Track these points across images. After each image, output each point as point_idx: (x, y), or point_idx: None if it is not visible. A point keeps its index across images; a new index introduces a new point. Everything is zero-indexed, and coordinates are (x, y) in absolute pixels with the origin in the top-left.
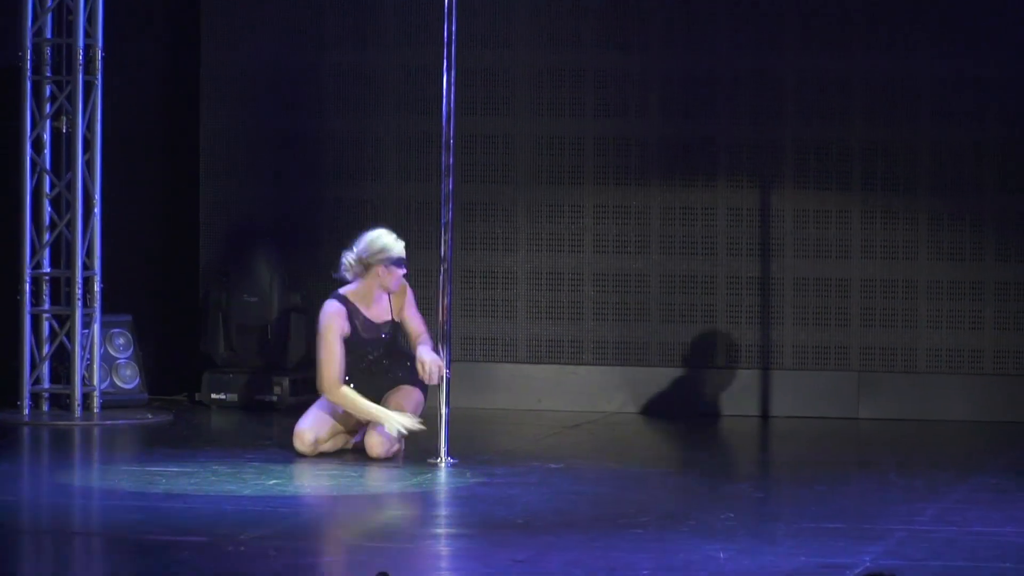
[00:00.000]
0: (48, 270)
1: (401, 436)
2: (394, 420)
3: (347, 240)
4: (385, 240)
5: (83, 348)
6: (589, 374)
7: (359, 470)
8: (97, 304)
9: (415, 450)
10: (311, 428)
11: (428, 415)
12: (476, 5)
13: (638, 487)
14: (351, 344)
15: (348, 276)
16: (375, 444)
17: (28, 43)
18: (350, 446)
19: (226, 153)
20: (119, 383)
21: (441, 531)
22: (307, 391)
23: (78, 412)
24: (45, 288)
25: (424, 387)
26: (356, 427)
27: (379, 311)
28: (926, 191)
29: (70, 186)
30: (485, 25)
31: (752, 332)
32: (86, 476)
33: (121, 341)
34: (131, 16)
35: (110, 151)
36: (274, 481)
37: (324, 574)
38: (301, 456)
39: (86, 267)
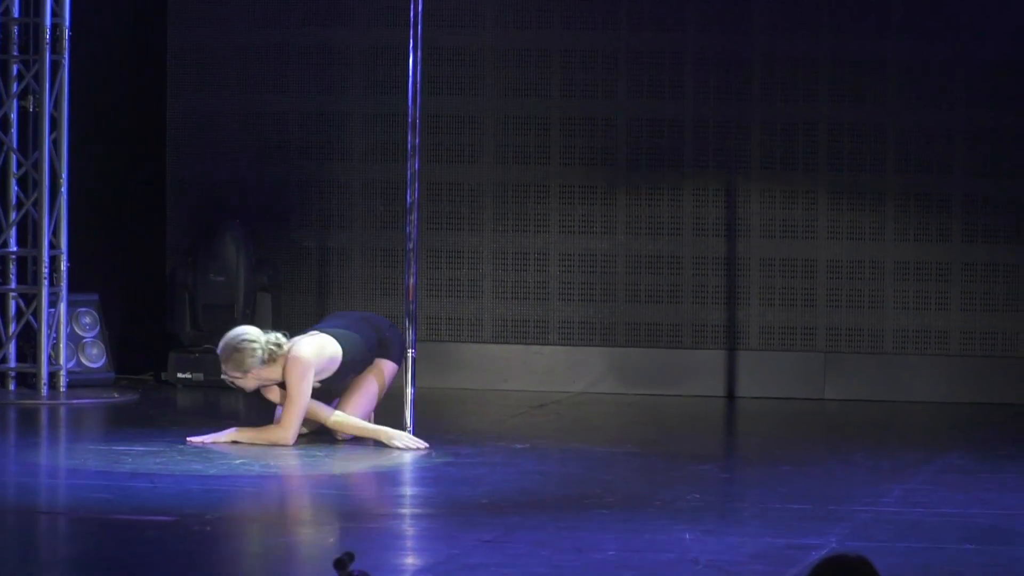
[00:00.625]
0: (15, 249)
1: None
2: (402, 437)
3: (314, 219)
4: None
5: (49, 327)
6: (555, 354)
7: (325, 450)
8: (64, 283)
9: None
10: None
11: (394, 395)
12: None
13: (604, 467)
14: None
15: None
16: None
17: None
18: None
19: (192, 132)
20: (85, 362)
21: (407, 511)
22: None
23: (44, 391)
24: (12, 267)
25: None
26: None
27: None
28: (893, 172)
29: (37, 165)
30: (452, 5)
31: (718, 312)
32: (52, 455)
33: (87, 320)
34: None
35: (77, 130)
36: (240, 461)
37: (289, 554)
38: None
39: (53, 246)
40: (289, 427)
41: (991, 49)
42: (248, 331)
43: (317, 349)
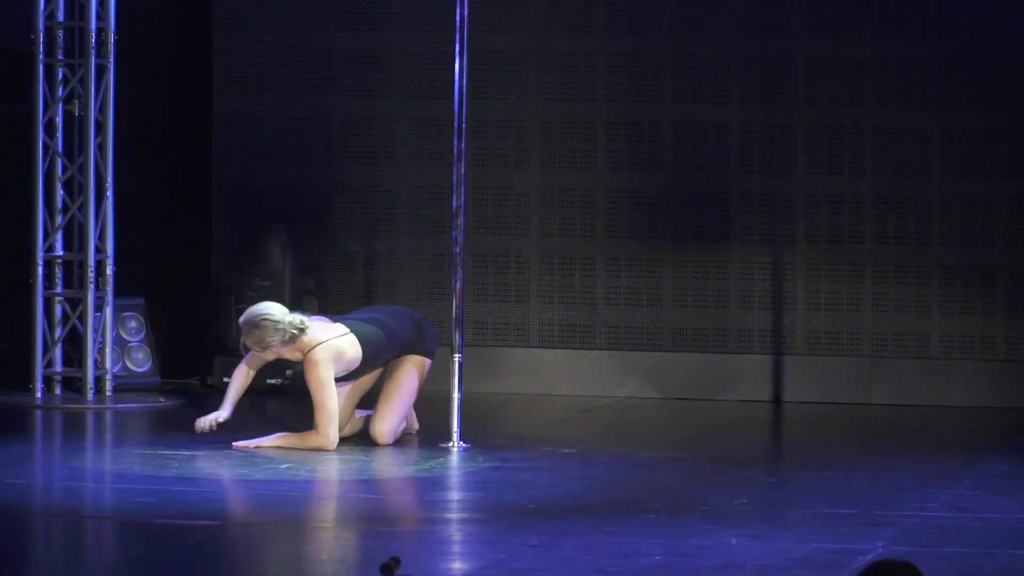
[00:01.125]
0: (61, 253)
1: (404, 421)
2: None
3: (360, 224)
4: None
5: (95, 331)
6: (601, 359)
7: (370, 455)
8: (109, 287)
9: (427, 435)
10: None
11: (440, 399)
12: None
13: (651, 472)
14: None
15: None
16: (380, 434)
17: (40, 26)
18: (359, 428)
19: (238, 136)
20: (131, 366)
21: (453, 516)
22: None
23: (90, 395)
24: (58, 271)
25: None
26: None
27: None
28: (938, 176)
29: (82, 169)
30: (497, 9)
31: (764, 317)
32: (98, 460)
33: (133, 324)
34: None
35: (122, 134)
36: (286, 465)
37: (336, 558)
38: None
39: (98, 250)
40: (326, 432)
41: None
42: (272, 310)
43: (335, 355)
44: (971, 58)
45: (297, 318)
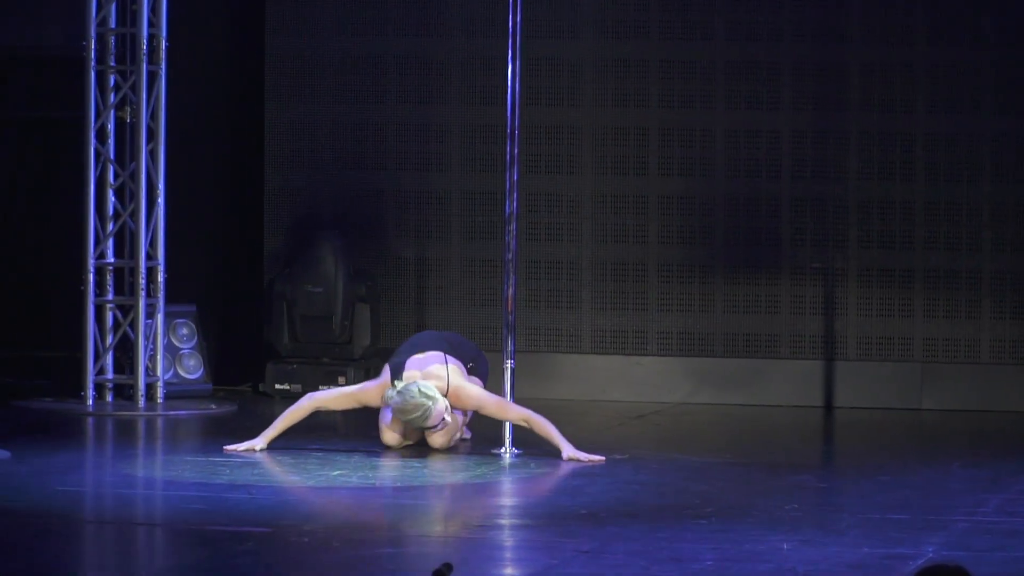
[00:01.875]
0: (112, 260)
1: (460, 427)
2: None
3: (412, 230)
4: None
5: (147, 338)
6: (653, 364)
7: (423, 461)
8: (161, 294)
9: (480, 440)
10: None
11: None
12: None
13: (702, 478)
14: None
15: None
16: (435, 438)
17: (92, 33)
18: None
19: (290, 142)
20: (183, 373)
21: (505, 522)
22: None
23: (141, 403)
24: (109, 278)
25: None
26: None
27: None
28: (990, 181)
29: (134, 176)
30: (550, 15)
31: (816, 323)
32: (150, 466)
33: (185, 331)
34: (195, 5)
35: (174, 141)
36: (337, 472)
37: (388, 565)
38: (386, 448)
39: (150, 257)
40: (527, 412)
41: None
42: (418, 407)
43: (464, 375)
44: (1021, 63)
45: (431, 393)
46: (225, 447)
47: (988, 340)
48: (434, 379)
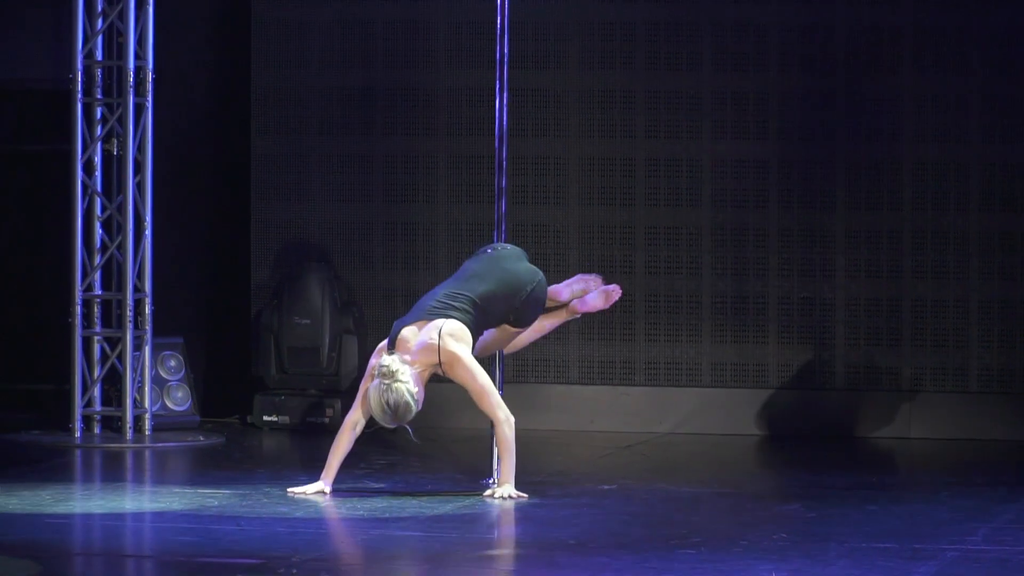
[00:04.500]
0: (99, 292)
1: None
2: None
3: (400, 261)
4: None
5: (134, 370)
6: (641, 395)
7: (412, 491)
8: (148, 326)
9: (468, 472)
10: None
11: (481, 436)
12: (527, 27)
13: (690, 508)
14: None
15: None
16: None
17: (79, 65)
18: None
19: (276, 175)
20: (171, 405)
21: (494, 553)
22: None
23: (129, 434)
24: (96, 310)
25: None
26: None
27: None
28: (977, 210)
29: (121, 208)
30: (536, 46)
31: (803, 352)
32: (138, 498)
33: (172, 363)
34: (181, 38)
35: (161, 173)
36: (327, 503)
37: None
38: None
39: (137, 289)
40: (504, 416)
41: None
42: (386, 399)
43: (461, 338)
44: (1011, 93)
45: (394, 368)
46: (289, 490)
47: (976, 369)
48: (424, 355)
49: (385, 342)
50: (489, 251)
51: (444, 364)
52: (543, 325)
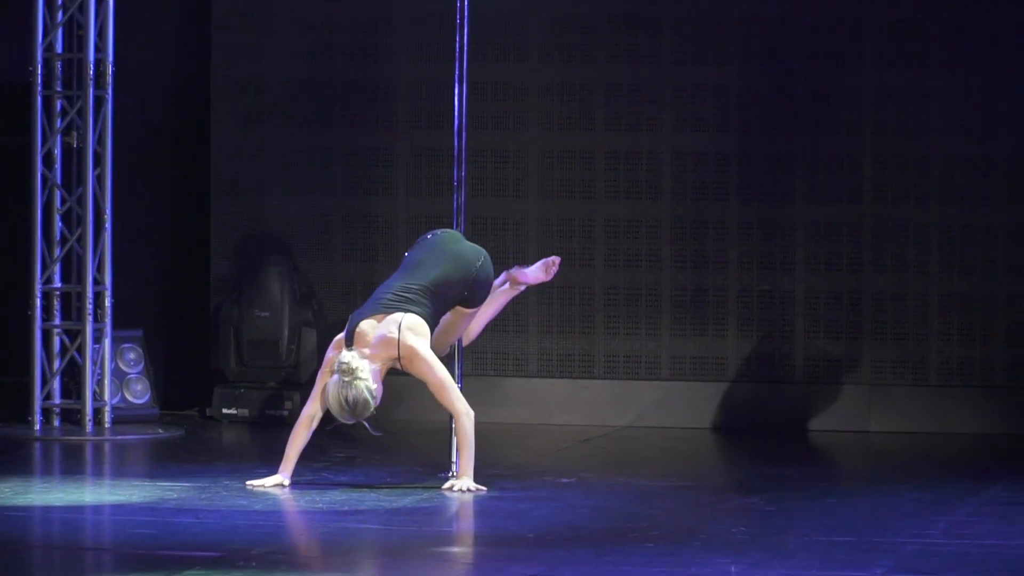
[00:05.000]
0: (59, 285)
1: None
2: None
3: (359, 254)
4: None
5: (94, 363)
6: (600, 388)
7: (370, 484)
8: (108, 319)
9: (426, 465)
10: None
11: (439, 429)
12: (486, 20)
13: (649, 501)
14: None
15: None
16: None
17: (39, 58)
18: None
19: (236, 167)
20: (130, 398)
21: (453, 546)
22: None
23: (89, 427)
24: (56, 303)
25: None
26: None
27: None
28: (938, 203)
29: (81, 201)
30: (496, 39)
31: (763, 345)
32: (97, 491)
33: (132, 356)
34: (141, 31)
35: (120, 166)
36: (286, 496)
37: None
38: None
39: (97, 282)
40: (462, 409)
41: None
42: (344, 394)
43: (420, 332)
44: (970, 86)
45: (354, 365)
46: (248, 482)
47: (936, 362)
48: (382, 349)
49: (342, 335)
50: (429, 237)
51: (403, 358)
52: (492, 307)
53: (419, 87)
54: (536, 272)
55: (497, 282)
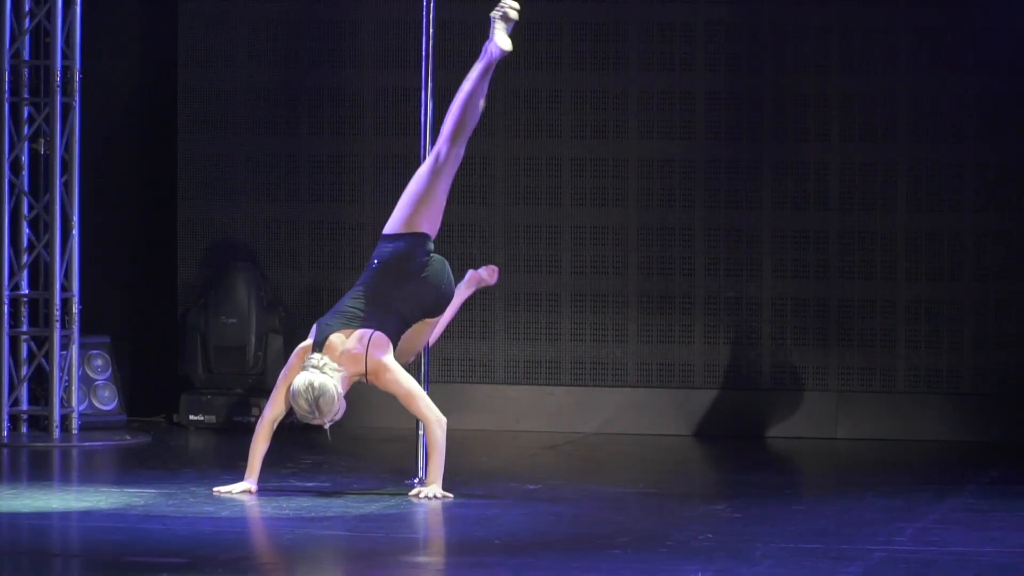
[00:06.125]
0: (26, 292)
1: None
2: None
3: (326, 260)
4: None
5: (61, 370)
6: (567, 395)
7: (337, 491)
8: (75, 325)
9: (393, 470)
10: None
11: (405, 436)
12: (452, 27)
13: (617, 507)
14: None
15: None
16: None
17: (6, 64)
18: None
19: (203, 174)
20: (97, 404)
21: (419, 553)
22: (283, 413)
23: (56, 434)
24: (23, 310)
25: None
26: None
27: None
28: (904, 210)
29: (48, 208)
30: (462, 45)
31: (729, 352)
32: (64, 497)
33: (99, 362)
34: (108, 38)
35: (88, 172)
36: (252, 502)
37: None
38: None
39: (64, 288)
40: (435, 418)
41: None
42: (312, 387)
43: (388, 349)
44: (937, 92)
45: (324, 367)
46: (215, 489)
47: (903, 369)
48: (350, 365)
49: (308, 343)
50: (376, 263)
51: (370, 373)
52: (451, 311)
53: (385, 94)
54: (485, 277)
55: (460, 291)
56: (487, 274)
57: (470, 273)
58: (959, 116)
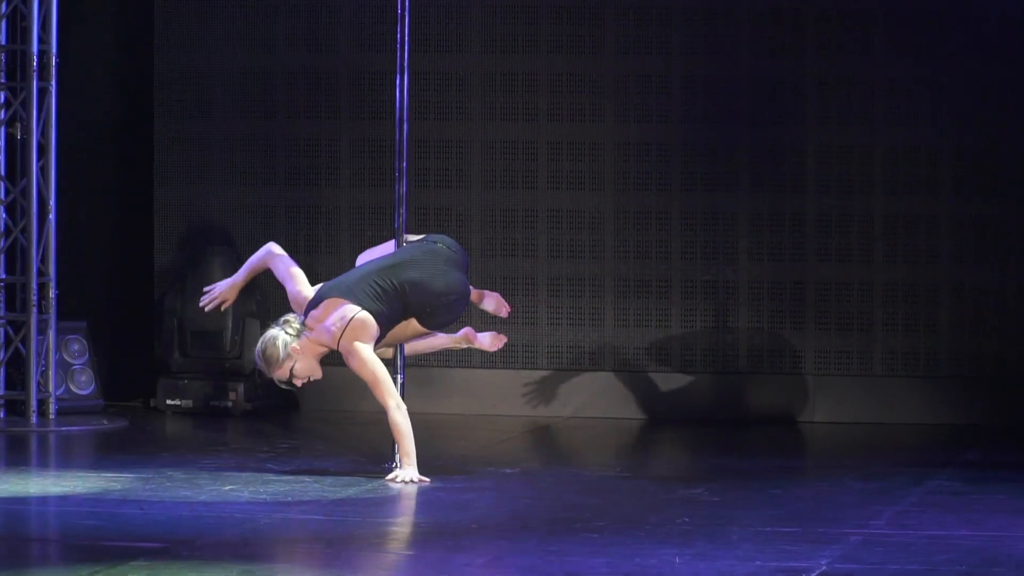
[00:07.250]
0: (3, 276)
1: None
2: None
3: (302, 244)
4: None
5: (38, 354)
6: (544, 379)
7: (315, 476)
8: (52, 310)
9: (370, 456)
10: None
11: (382, 421)
12: (429, 10)
13: (593, 491)
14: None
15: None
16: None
17: None
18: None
19: (179, 158)
20: (74, 389)
21: (396, 537)
22: (260, 397)
23: (34, 418)
24: (0, 294)
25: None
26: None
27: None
28: (881, 193)
29: (25, 192)
30: (438, 29)
31: (706, 336)
32: (42, 482)
33: (76, 347)
34: (84, 22)
35: (64, 157)
36: (230, 487)
37: None
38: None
39: (41, 273)
40: (393, 405)
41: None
42: (264, 337)
43: (364, 332)
44: (914, 76)
45: (285, 322)
46: (202, 302)
47: (880, 352)
48: (323, 336)
49: (308, 291)
50: (439, 245)
51: (342, 351)
52: (435, 342)
53: (362, 77)
54: (484, 339)
55: (455, 335)
56: (490, 341)
57: (469, 331)
58: (936, 100)
